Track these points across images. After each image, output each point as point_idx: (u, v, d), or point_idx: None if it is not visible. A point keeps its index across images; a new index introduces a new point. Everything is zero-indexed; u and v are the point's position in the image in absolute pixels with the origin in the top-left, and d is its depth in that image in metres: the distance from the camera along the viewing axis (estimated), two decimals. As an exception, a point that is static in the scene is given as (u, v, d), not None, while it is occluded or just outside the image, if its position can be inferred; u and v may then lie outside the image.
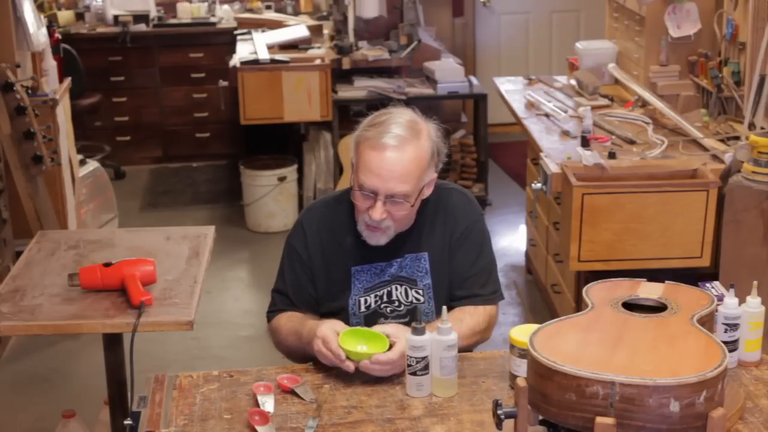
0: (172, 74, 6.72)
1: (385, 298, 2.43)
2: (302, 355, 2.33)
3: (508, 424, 1.85)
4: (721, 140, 3.82)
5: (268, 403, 2.08)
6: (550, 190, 3.71)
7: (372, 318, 2.42)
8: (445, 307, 2.15)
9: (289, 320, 2.41)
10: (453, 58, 6.01)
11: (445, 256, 2.44)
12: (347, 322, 2.42)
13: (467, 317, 2.39)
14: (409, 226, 2.40)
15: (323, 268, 2.43)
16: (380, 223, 2.31)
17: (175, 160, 6.92)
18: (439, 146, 2.35)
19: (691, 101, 4.23)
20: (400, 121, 2.30)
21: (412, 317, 2.37)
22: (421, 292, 2.44)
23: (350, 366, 2.15)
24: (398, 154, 2.26)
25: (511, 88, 4.99)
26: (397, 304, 2.43)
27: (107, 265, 2.57)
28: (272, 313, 2.49)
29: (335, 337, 2.18)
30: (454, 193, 2.49)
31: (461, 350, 2.31)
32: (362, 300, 2.43)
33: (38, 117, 4.25)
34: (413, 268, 2.43)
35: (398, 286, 2.44)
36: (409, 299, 2.44)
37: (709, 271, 3.52)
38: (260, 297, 4.78)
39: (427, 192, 2.38)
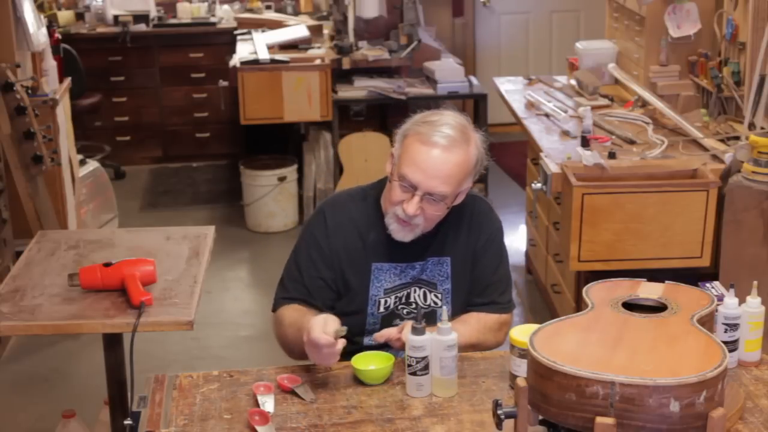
0: (172, 74, 6.72)
1: (403, 300, 2.43)
2: (301, 350, 2.28)
3: (508, 424, 1.85)
4: (721, 140, 3.82)
5: (268, 403, 2.08)
6: (550, 190, 3.71)
7: (388, 319, 2.42)
8: (444, 307, 2.15)
9: (295, 311, 2.38)
10: (453, 58, 6.01)
11: (467, 262, 2.45)
12: (364, 321, 2.42)
13: (473, 320, 2.41)
14: (434, 230, 2.39)
15: (344, 263, 2.41)
16: (412, 218, 2.30)
17: (175, 160, 6.92)
18: (482, 157, 2.36)
19: (691, 101, 4.23)
20: (452, 123, 2.31)
21: (429, 321, 2.36)
22: (439, 296, 2.44)
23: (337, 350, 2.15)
24: (446, 155, 2.26)
25: (511, 88, 4.99)
26: (414, 306, 2.43)
27: (107, 265, 2.57)
28: (283, 299, 2.44)
29: (321, 326, 2.15)
30: (478, 201, 2.51)
31: (465, 350, 2.32)
32: (382, 301, 2.42)
33: (38, 117, 4.25)
34: (435, 272, 2.44)
35: (417, 289, 2.44)
36: (428, 302, 2.43)
37: (709, 271, 3.52)
38: (260, 297, 4.78)
39: (460, 199, 2.38)
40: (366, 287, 2.42)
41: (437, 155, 2.26)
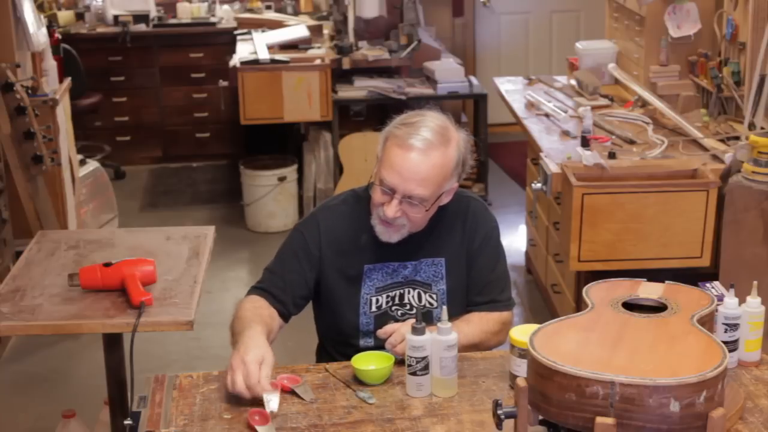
0: (172, 74, 6.72)
1: (396, 301, 2.43)
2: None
3: (508, 424, 1.85)
4: (721, 140, 3.82)
5: (273, 401, 2.06)
6: (550, 190, 3.71)
7: (382, 319, 2.41)
8: (444, 307, 2.15)
9: (253, 308, 2.34)
10: (453, 58, 6.01)
11: (461, 263, 2.45)
12: (357, 321, 2.43)
13: (476, 319, 2.41)
14: (425, 230, 2.39)
15: (335, 264, 2.42)
16: (393, 220, 2.31)
17: (175, 160, 6.92)
18: (465, 157, 2.35)
19: (691, 101, 4.23)
20: (431, 125, 2.30)
21: (425, 322, 2.36)
22: (434, 296, 2.44)
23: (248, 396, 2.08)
24: (422, 158, 2.26)
25: (511, 88, 4.98)
26: (408, 307, 2.43)
27: (107, 265, 2.57)
28: (256, 288, 2.44)
29: (257, 371, 2.07)
30: (473, 201, 2.51)
31: (468, 350, 2.32)
32: (373, 299, 2.43)
33: (38, 117, 4.25)
34: (429, 273, 2.44)
35: (411, 290, 2.44)
36: (422, 303, 2.44)
37: (709, 271, 3.52)
38: (260, 297, 4.78)
39: (446, 199, 2.38)
40: (358, 288, 2.42)
41: (413, 158, 2.26)
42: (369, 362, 2.20)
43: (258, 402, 2.10)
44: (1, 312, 2.50)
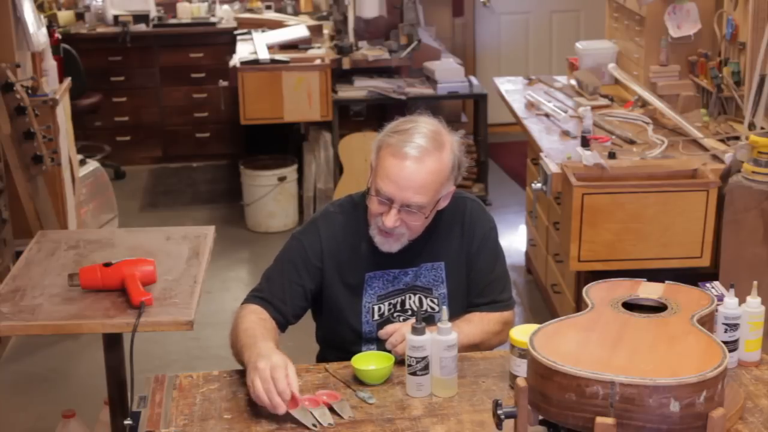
0: (172, 74, 6.72)
1: (398, 307, 2.43)
2: (238, 359, 2.22)
3: (508, 424, 1.85)
4: (721, 140, 3.82)
5: (326, 415, 2.02)
6: (550, 190, 3.71)
7: (384, 326, 2.39)
8: (445, 307, 2.15)
9: (257, 320, 2.29)
10: (453, 58, 6.01)
11: (461, 265, 2.44)
12: (360, 330, 2.43)
13: (477, 319, 2.41)
14: (423, 234, 2.38)
15: (336, 274, 2.41)
16: (393, 230, 2.30)
17: (175, 160, 6.92)
18: (460, 160, 2.34)
19: (691, 101, 4.23)
20: (424, 131, 2.28)
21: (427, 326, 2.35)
22: (436, 300, 2.44)
23: (283, 409, 2.02)
24: (418, 165, 2.24)
25: (511, 88, 4.99)
26: (410, 313, 2.42)
27: (107, 265, 2.57)
28: (255, 297, 2.39)
29: (285, 375, 2.02)
30: (469, 202, 2.49)
31: (469, 350, 2.32)
32: (376, 308, 2.42)
33: (38, 117, 4.25)
34: (429, 277, 2.43)
35: (412, 295, 2.43)
36: (424, 308, 2.43)
37: (709, 271, 3.52)
38: (260, 297, 4.78)
39: (443, 204, 2.37)
40: (360, 297, 2.41)
41: (408, 167, 2.24)
42: (369, 362, 2.20)
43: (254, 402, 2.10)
44: (1, 312, 2.50)
